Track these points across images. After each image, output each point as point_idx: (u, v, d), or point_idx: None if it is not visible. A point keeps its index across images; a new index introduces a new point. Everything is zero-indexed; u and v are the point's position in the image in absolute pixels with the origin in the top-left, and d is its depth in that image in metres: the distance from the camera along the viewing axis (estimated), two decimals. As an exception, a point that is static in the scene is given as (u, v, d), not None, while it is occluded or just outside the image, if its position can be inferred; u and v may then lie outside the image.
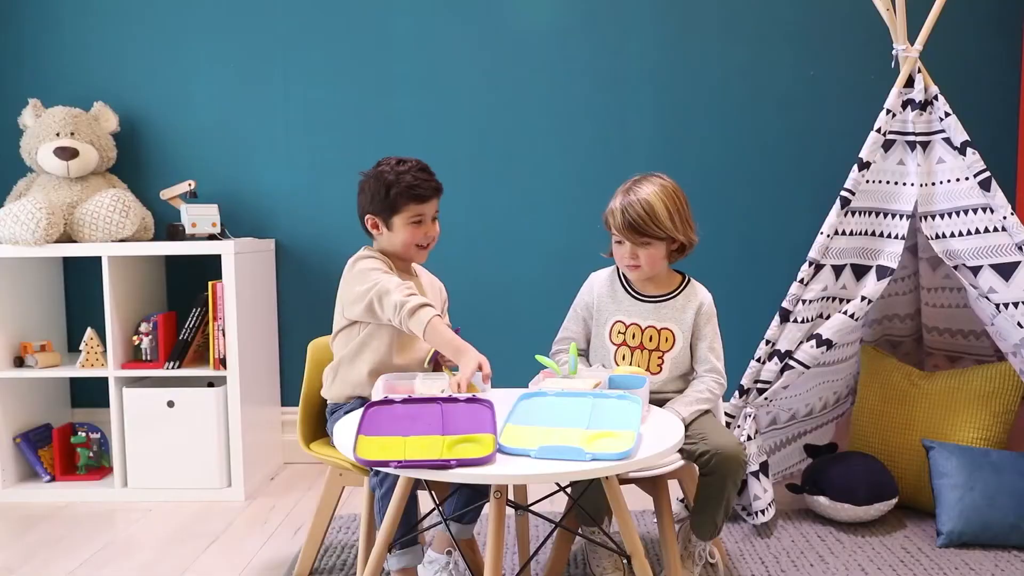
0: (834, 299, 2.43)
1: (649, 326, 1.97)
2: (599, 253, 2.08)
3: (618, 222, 1.91)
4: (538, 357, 1.89)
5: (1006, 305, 2.26)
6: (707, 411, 1.97)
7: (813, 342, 2.36)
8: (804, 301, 2.37)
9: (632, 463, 1.44)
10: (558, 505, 2.45)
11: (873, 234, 2.43)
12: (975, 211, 2.30)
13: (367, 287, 1.88)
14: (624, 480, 1.87)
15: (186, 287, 3.05)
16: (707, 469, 1.84)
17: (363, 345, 1.96)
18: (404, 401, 1.64)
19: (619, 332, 1.99)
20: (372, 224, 2.02)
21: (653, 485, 1.94)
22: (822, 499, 2.44)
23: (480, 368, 1.72)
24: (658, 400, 1.93)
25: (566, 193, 3.09)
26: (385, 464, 1.44)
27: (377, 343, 1.95)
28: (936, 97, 2.37)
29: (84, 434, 2.91)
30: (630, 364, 1.97)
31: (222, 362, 2.75)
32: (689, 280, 2.03)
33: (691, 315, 1.97)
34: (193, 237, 2.83)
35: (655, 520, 2.14)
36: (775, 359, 2.38)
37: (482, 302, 3.07)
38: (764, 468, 2.40)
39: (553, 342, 2.09)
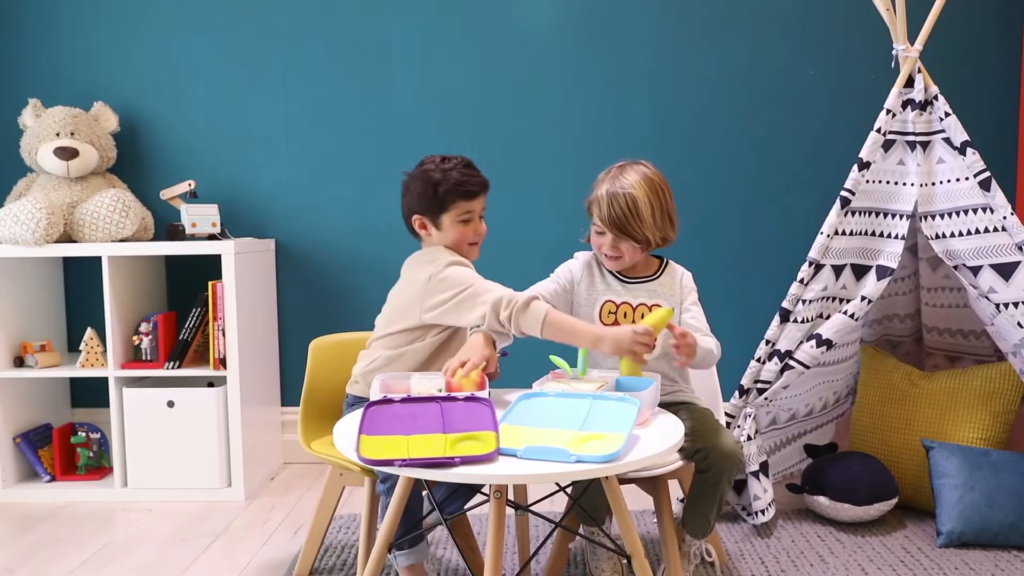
0: (834, 299, 2.43)
1: (640, 303, 1.97)
2: (579, 238, 2.04)
3: (603, 213, 1.89)
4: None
5: (1006, 305, 2.25)
6: (705, 409, 1.96)
7: (813, 342, 2.36)
8: (804, 301, 2.37)
9: (617, 466, 1.44)
10: (558, 505, 2.45)
11: (873, 234, 2.42)
12: (975, 211, 2.30)
13: (459, 289, 1.84)
14: (624, 480, 1.87)
15: (186, 287, 3.05)
16: (703, 466, 1.84)
17: (402, 354, 1.94)
18: (403, 400, 1.64)
19: (610, 312, 1.97)
20: (420, 224, 1.96)
21: (653, 485, 1.94)
22: (822, 499, 2.44)
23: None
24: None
25: (565, 193, 3.09)
26: (389, 463, 1.44)
27: (412, 356, 1.93)
28: (936, 97, 2.37)
29: (84, 434, 2.91)
30: None
31: (222, 362, 2.75)
32: (667, 262, 2.03)
33: (678, 289, 1.98)
34: (193, 237, 2.84)
35: (655, 520, 2.14)
36: (775, 359, 2.38)
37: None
38: (764, 468, 2.40)
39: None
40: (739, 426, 2.41)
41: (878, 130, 2.38)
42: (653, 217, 1.88)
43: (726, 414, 2.40)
